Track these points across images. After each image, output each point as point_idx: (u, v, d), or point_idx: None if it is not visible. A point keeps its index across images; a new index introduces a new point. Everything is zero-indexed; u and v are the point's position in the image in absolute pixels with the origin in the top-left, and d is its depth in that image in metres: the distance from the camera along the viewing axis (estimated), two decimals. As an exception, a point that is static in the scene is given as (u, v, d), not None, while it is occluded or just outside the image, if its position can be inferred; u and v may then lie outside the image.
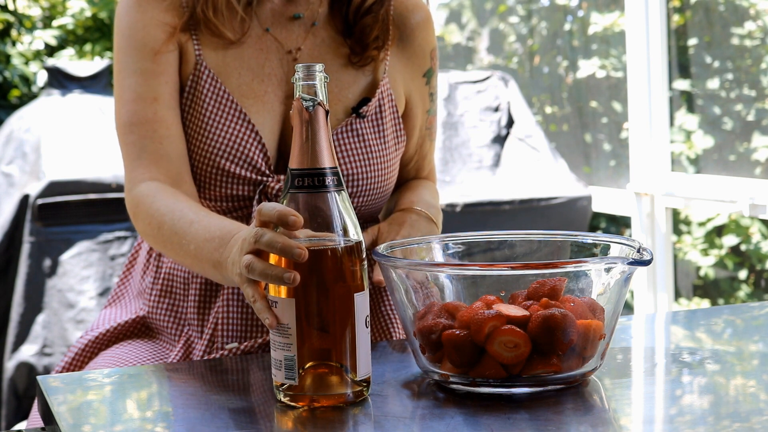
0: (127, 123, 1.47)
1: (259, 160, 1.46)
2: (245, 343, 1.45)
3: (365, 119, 1.51)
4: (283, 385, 1.08)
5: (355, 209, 1.50)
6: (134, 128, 1.46)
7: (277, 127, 1.49)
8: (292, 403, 1.08)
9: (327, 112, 1.09)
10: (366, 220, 1.55)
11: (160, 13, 1.48)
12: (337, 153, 1.48)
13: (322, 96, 1.09)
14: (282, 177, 1.47)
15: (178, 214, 1.38)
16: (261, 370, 1.25)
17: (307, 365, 1.07)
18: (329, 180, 1.08)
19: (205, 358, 1.44)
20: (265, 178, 1.47)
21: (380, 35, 1.53)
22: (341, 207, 1.09)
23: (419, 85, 1.59)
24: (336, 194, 1.09)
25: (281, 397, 1.09)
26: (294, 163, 1.09)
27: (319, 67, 1.09)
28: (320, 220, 1.08)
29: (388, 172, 1.53)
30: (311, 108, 1.08)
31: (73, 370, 1.52)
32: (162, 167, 1.45)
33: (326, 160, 1.08)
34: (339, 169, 1.11)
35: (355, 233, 1.09)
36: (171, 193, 1.43)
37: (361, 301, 1.08)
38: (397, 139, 1.55)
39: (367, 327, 1.09)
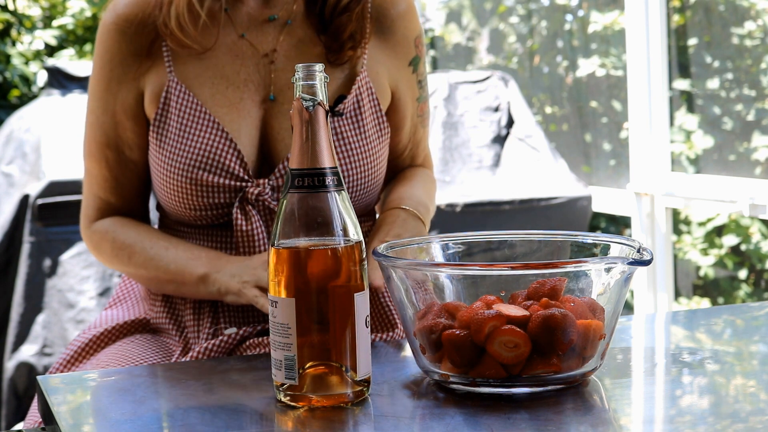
0: (90, 155, 1.55)
1: (236, 167, 1.46)
2: (244, 329, 1.46)
3: (343, 116, 1.50)
4: (283, 385, 1.09)
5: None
6: (94, 163, 1.55)
7: (256, 132, 1.49)
8: (293, 403, 1.08)
9: (327, 112, 1.09)
10: (359, 214, 1.55)
11: (130, 40, 1.50)
12: None
13: (321, 96, 1.09)
14: (262, 181, 1.48)
15: (148, 242, 1.51)
16: (261, 370, 1.25)
17: (307, 365, 1.07)
18: (329, 180, 1.08)
19: (204, 345, 1.44)
20: (243, 184, 1.47)
21: (355, 32, 1.52)
22: (341, 207, 1.09)
23: (406, 74, 1.58)
24: (336, 194, 1.09)
25: (281, 397, 1.09)
26: (294, 163, 1.09)
27: (319, 67, 1.09)
28: (320, 220, 1.08)
29: (373, 167, 1.52)
30: (311, 108, 1.08)
31: (74, 365, 1.53)
32: (115, 207, 1.56)
33: (326, 160, 1.08)
34: (339, 168, 1.10)
35: (355, 233, 1.09)
36: (132, 225, 1.55)
37: (361, 301, 1.08)
38: (380, 133, 1.55)
39: (367, 327, 1.09)
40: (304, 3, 1.54)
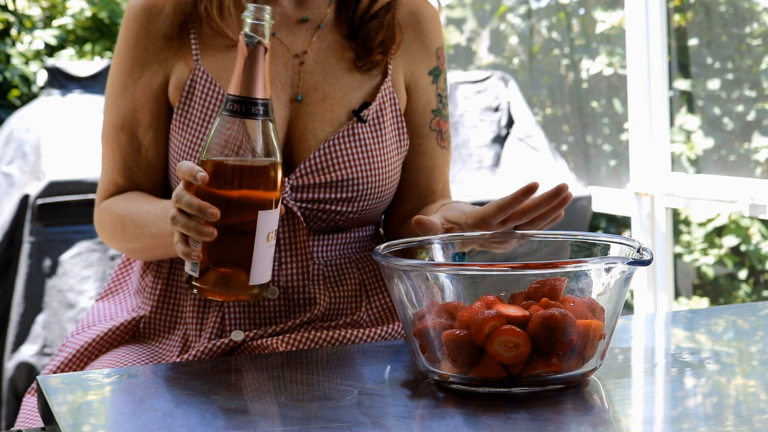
0: (105, 138, 1.56)
1: None
2: (250, 332, 1.45)
3: (366, 123, 1.51)
4: (190, 276, 1.21)
5: (355, 213, 1.51)
6: (108, 145, 1.55)
7: (280, 131, 1.49)
8: (195, 292, 1.22)
9: (266, 50, 1.20)
10: (365, 223, 1.55)
11: (159, 25, 1.50)
12: (337, 157, 1.48)
13: (265, 37, 1.20)
14: (286, 178, 1.49)
15: (135, 210, 1.49)
16: (261, 370, 1.25)
17: (211, 263, 1.19)
18: (256, 109, 1.20)
19: (208, 346, 1.43)
20: None
21: (385, 40, 1.54)
22: (265, 133, 1.20)
23: (424, 82, 1.59)
24: (261, 122, 1.20)
25: (187, 284, 1.22)
26: (230, 89, 1.20)
27: (269, 11, 1.20)
28: (242, 142, 1.19)
29: (389, 176, 1.53)
30: (251, 44, 1.19)
31: (72, 370, 1.52)
32: (124, 189, 1.55)
33: (258, 92, 1.20)
34: (270, 101, 1.22)
35: (273, 158, 1.20)
36: (128, 195, 1.54)
37: (266, 218, 1.19)
38: (399, 143, 1.55)
39: (269, 241, 1.19)
40: (335, 8, 1.55)
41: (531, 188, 1.29)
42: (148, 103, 1.52)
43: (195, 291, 1.21)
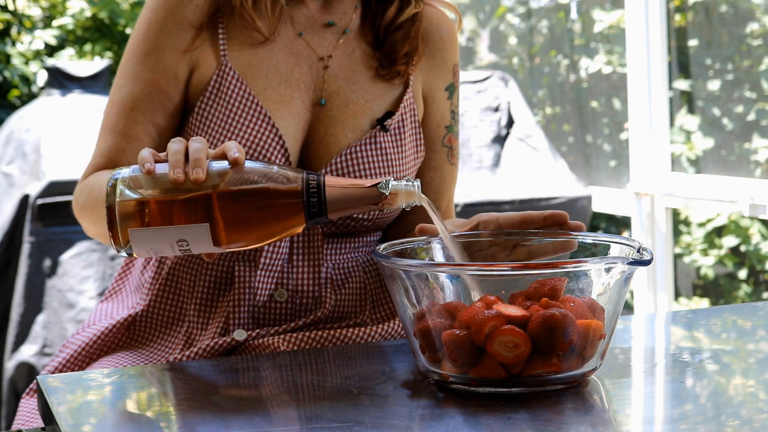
0: (108, 116, 1.52)
1: (280, 163, 1.46)
2: (253, 332, 1.44)
3: (388, 132, 1.51)
4: (121, 173, 1.17)
5: (369, 221, 1.51)
6: (105, 130, 1.53)
7: (301, 134, 1.49)
8: (109, 182, 1.17)
9: (378, 206, 1.16)
10: (377, 228, 1.55)
11: (189, 12, 1.48)
12: (358, 165, 1.49)
13: (388, 200, 1.16)
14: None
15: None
16: (262, 370, 1.25)
17: (144, 189, 1.15)
18: (315, 218, 1.15)
19: (211, 344, 1.43)
20: None
21: (410, 51, 1.54)
22: (287, 227, 1.16)
23: (440, 97, 1.60)
24: (303, 224, 1.15)
25: (112, 176, 1.17)
26: (328, 179, 1.15)
27: (413, 202, 1.16)
28: (268, 208, 1.14)
29: None
30: (382, 189, 1.16)
31: (72, 370, 1.52)
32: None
33: (335, 214, 1.16)
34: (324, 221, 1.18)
35: (263, 243, 1.17)
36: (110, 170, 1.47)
37: (199, 233, 1.15)
38: (416, 153, 1.56)
39: (175, 245, 1.16)
40: (361, 15, 1.55)
41: (559, 219, 1.28)
42: (170, 90, 1.48)
43: (109, 182, 1.17)
